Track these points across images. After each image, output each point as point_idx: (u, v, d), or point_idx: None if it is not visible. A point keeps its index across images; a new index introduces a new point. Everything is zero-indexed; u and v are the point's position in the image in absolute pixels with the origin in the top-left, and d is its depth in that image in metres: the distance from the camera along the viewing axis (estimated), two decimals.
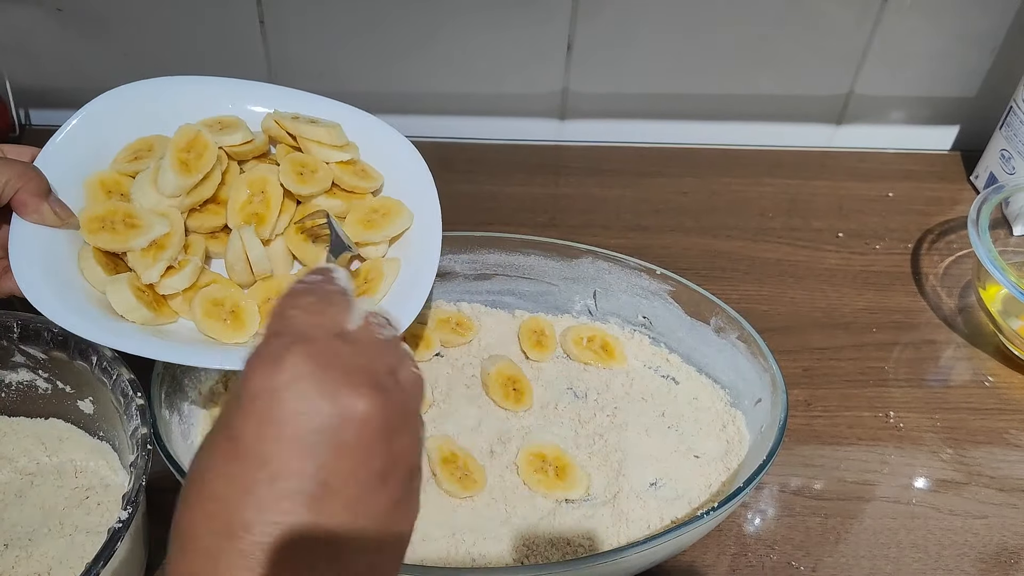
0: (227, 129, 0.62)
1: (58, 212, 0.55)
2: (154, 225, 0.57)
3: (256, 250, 0.59)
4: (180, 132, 0.59)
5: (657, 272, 0.67)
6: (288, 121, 0.63)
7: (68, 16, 0.81)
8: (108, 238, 0.56)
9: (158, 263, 0.56)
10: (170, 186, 0.58)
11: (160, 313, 0.57)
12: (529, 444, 0.61)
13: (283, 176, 0.61)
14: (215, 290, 0.58)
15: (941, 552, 0.59)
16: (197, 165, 0.59)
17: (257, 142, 0.63)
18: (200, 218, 0.60)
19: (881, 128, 0.94)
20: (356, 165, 0.64)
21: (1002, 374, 0.72)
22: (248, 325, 0.57)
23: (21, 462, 0.58)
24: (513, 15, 0.83)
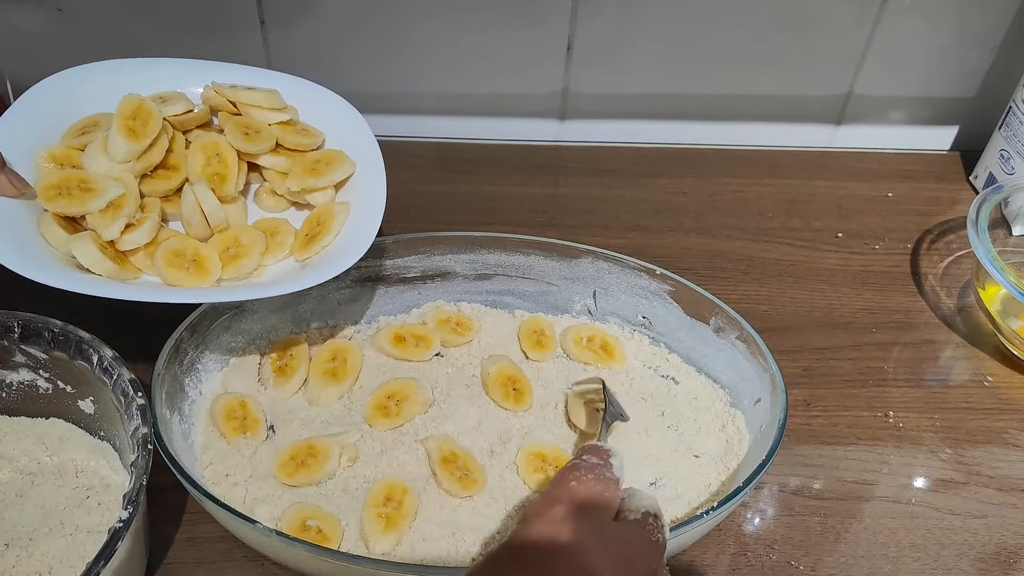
0: (168, 102, 0.65)
1: (14, 183, 0.57)
2: (109, 188, 0.60)
3: (210, 202, 0.62)
4: (124, 101, 0.62)
5: (657, 272, 0.67)
6: (227, 89, 0.67)
7: (68, 16, 0.81)
8: (65, 203, 0.59)
9: (117, 220, 0.59)
10: (120, 152, 0.61)
11: (124, 269, 0.59)
12: (529, 444, 0.61)
13: (230, 137, 0.65)
14: (175, 242, 0.61)
15: (940, 552, 0.59)
16: (144, 131, 0.62)
17: (198, 111, 0.67)
18: (152, 183, 0.63)
19: (880, 128, 0.94)
20: (297, 125, 0.68)
21: (1001, 374, 0.72)
22: (211, 271, 0.60)
23: (22, 462, 0.58)
24: (513, 15, 0.83)
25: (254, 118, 0.67)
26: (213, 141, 0.65)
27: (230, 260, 0.61)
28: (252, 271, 0.62)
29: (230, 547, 0.57)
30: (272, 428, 0.61)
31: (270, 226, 0.65)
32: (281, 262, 0.64)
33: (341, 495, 0.58)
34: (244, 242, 0.62)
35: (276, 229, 0.65)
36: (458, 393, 0.65)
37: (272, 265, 0.63)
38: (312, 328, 0.67)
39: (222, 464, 0.58)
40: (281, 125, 0.67)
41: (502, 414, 0.64)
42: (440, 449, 0.60)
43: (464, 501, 0.58)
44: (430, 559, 0.54)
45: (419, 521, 0.57)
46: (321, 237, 0.62)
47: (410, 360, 0.66)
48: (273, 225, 0.65)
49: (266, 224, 0.66)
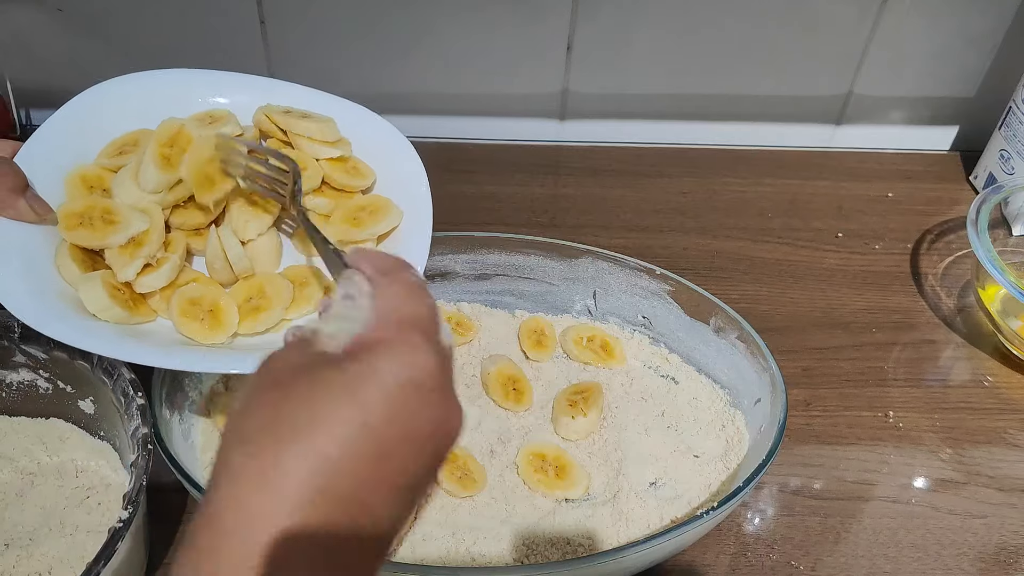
0: (216, 123, 0.60)
1: (35, 208, 0.54)
2: (132, 222, 0.55)
3: (234, 248, 0.57)
4: (162, 126, 0.58)
5: (657, 272, 0.67)
6: (279, 115, 0.62)
7: (68, 16, 0.81)
8: (86, 234, 0.55)
9: (135, 260, 0.55)
10: (151, 182, 0.57)
11: (137, 312, 0.55)
12: (529, 444, 0.61)
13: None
14: (193, 289, 0.56)
15: (940, 552, 0.59)
16: (179, 160, 0.57)
17: (246, 136, 0.61)
18: (183, 215, 0.59)
19: (881, 128, 0.94)
20: (348, 162, 0.63)
21: (1001, 374, 0.72)
22: (226, 325, 0.55)
23: (22, 462, 0.58)
24: (513, 15, 0.83)
25: (304, 151, 0.61)
26: None
27: (250, 312, 0.56)
28: (273, 326, 0.57)
29: None
30: None
31: (300, 275, 0.59)
32: (305, 318, 0.58)
33: None
34: (268, 293, 0.57)
35: (306, 280, 0.59)
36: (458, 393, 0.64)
37: (296, 320, 0.58)
38: None
39: None
40: (331, 161, 0.61)
41: (502, 414, 0.64)
42: None
43: (464, 501, 0.58)
44: (430, 559, 0.54)
45: (419, 521, 0.57)
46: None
47: None
48: (304, 275, 0.59)
49: (296, 273, 0.60)
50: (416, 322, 0.36)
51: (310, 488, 0.31)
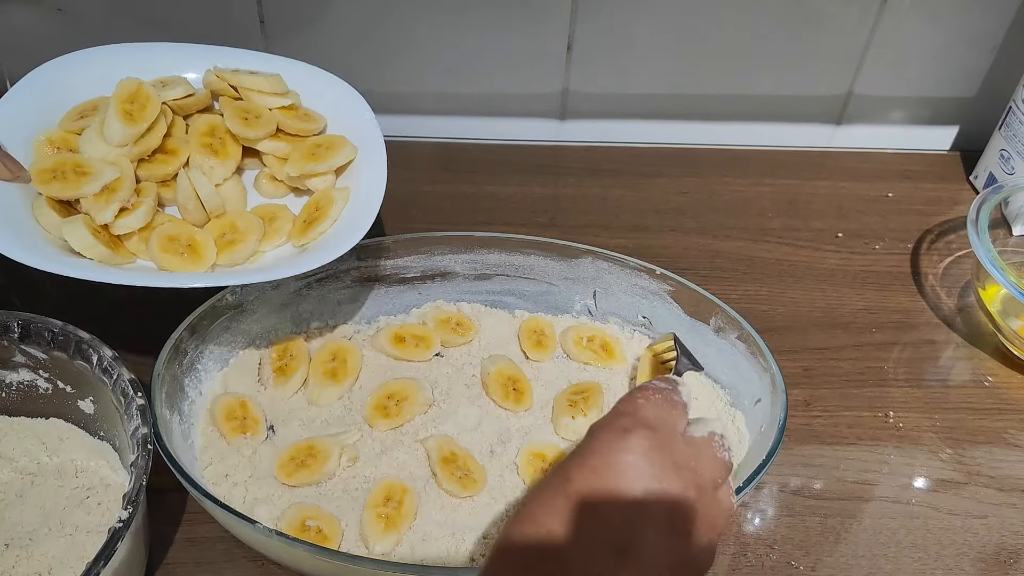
0: (168, 86, 0.65)
1: (8, 166, 0.57)
2: (104, 171, 0.59)
3: (206, 187, 0.61)
4: (121, 85, 0.62)
5: (657, 272, 0.67)
6: (228, 74, 0.66)
7: (68, 16, 0.81)
8: (59, 187, 0.58)
9: (111, 204, 0.58)
10: (117, 135, 0.60)
11: (117, 253, 0.58)
12: (529, 444, 0.61)
13: (228, 122, 0.64)
14: (170, 227, 0.60)
15: (940, 552, 0.59)
16: (142, 115, 0.61)
17: (199, 95, 0.66)
18: (150, 168, 0.63)
19: (881, 128, 0.94)
20: (298, 110, 0.67)
21: (1001, 374, 0.72)
22: (205, 257, 0.59)
23: (21, 462, 0.58)
24: (513, 15, 0.83)
25: (255, 103, 0.66)
26: (211, 123, 0.65)
27: (226, 246, 0.61)
28: (248, 257, 0.61)
29: (230, 547, 0.57)
30: (272, 428, 0.61)
31: (268, 212, 0.65)
32: (278, 248, 0.63)
33: (341, 495, 0.58)
34: (240, 228, 0.62)
35: (274, 215, 0.64)
36: (458, 393, 0.65)
37: (270, 251, 0.63)
38: (312, 328, 0.67)
39: (222, 464, 0.58)
40: (282, 110, 0.66)
41: (502, 414, 0.64)
42: (440, 449, 0.60)
43: (464, 501, 0.58)
44: (430, 559, 0.54)
45: (419, 521, 0.56)
46: (319, 223, 0.62)
47: (410, 360, 0.66)
48: (271, 211, 0.65)
49: (264, 210, 0.65)
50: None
51: None
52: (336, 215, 0.63)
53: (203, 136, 0.65)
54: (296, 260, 0.60)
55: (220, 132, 0.65)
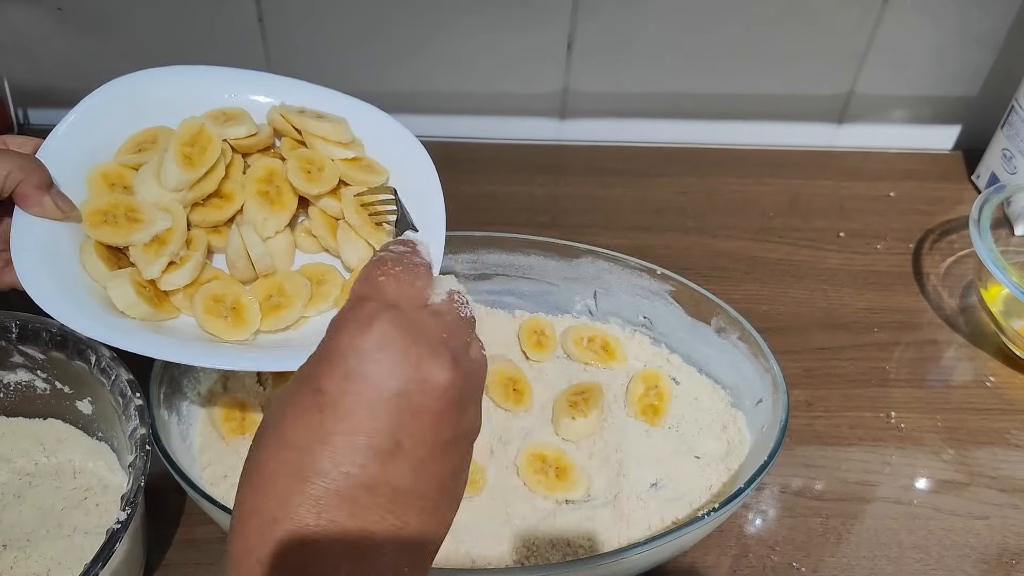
0: (231, 121, 0.61)
1: (60, 205, 0.54)
2: (156, 220, 0.56)
3: (256, 247, 0.58)
4: (184, 125, 0.59)
5: (658, 272, 0.67)
6: (294, 115, 0.62)
7: (68, 16, 0.81)
8: (110, 232, 0.56)
9: (160, 258, 0.55)
10: (173, 180, 0.57)
11: (161, 309, 0.56)
12: (529, 444, 0.61)
13: (291, 175, 0.60)
14: (216, 286, 0.57)
15: (942, 553, 0.59)
16: (201, 159, 0.58)
17: (262, 135, 0.62)
18: (203, 212, 0.60)
19: (882, 128, 0.94)
20: (362, 161, 0.63)
21: (1003, 374, 0.72)
22: (249, 322, 0.56)
23: (20, 463, 0.58)
24: (513, 15, 0.83)
25: (318, 151, 0.61)
26: (271, 168, 0.61)
27: (271, 310, 0.57)
28: (293, 323, 0.58)
29: None
30: None
31: (317, 274, 0.60)
32: (323, 314, 0.59)
33: None
34: (288, 291, 0.58)
35: (323, 277, 0.60)
36: None
37: (314, 317, 0.59)
38: None
39: (220, 465, 0.58)
40: (345, 161, 0.62)
41: (502, 414, 0.64)
42: None
43: (464, 502, 0.57)
44: None
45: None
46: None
47: None
48: (320, 273, 0.60)
49: (313, 270, 0.61)
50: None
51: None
52: None
53: (260, 183, 0.60)
54: None
55: (278, 180, 0.61)
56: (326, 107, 0.64)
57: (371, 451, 0.33)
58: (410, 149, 0.64)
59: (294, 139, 0.63)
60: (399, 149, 0.64)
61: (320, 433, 0.33)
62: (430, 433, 0.35)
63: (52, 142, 0.58)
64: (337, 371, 0.34)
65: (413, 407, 0.34)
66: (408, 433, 0.34)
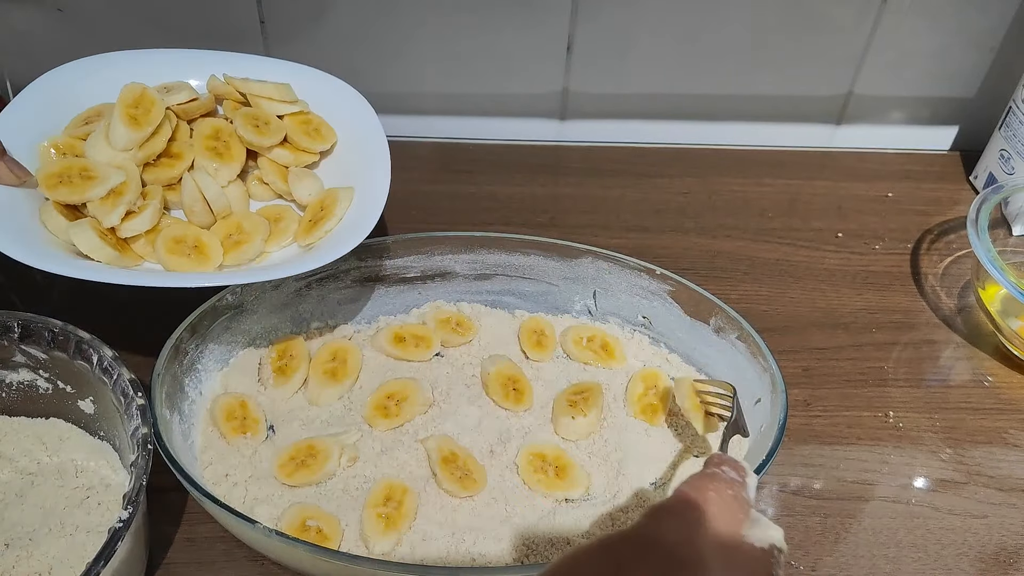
0: (172, 91, 0.65)
1: (15, 171, 0.57)
2: (110, 175, 0.60)
3: (212, 188, 0.62)
4: (125, 90, 0.62)
5: (657, 272, 0.67)
6: (239, 81, 0.67)
7: (68, 16, 0.81)
8: (66, 191, 0.59)
9: (118, 208, 0.59)
10: (122, 140, 0.61)
11: (124, 256, 0.59)
12: (529, 444, 0.61)
13: (240, 130, 0.65)
14: (176, 228, 0.61)
15: (940, 552, 0.59)
16: (146, 119, 0.62)
17: (203, 100, 0.67)
18: (155, 172, 0.63)
19: (881, 128, 0.94)
20: (310, 123, 0.68)
21: (1001, 374, 0.72)
22: (211, 257, 0.60)
23: (22, 462, 0.58)
24: (513, 15, 0.83)
25: (264, 110, 0.67)
26: (216, 126, 0.65)
27: (232, 246, 0.62)
28: (255, 257, 0.62)
29: (230, 547, 0.57)
30: (272, 428, 0.61)
31: (273, 213, 0.66)
32: (284, 248, 0.64)
33: (341, 495, 0.58)
34: (246, 228, 0.62)
35: (279, 216, 0.65)
36: (458, 393, 0.65)
37: (275, 251, 0.64)
38: (312, 328, 0.67)
39: (222, 464, 0.58)
40: (292, 118, 0.67)
41: (502, 414, 0.64)
42: (440, 449, 0.60)
43: (464, 501, 0.58)
44: (430, 559, 0.54)
45: (419, 521, 0.57)
46: (324, 222, 0.62)
47: (410, 360, 0.66)
48: (277, 212, 0.66)
49: (270, 211, 0.66)
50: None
51: None
52: (341, 214, 0.63)
53: (207, 139, 0.65)
54: (301, 259, 0.60)
55: (224, 135, 0.65)
56: (263, 72, 0.69)
57: None
58: (350, 100, 0.70)
59: (236, 101, 0.68)
60: (340, 102, 0.70)
61: None
62: None
63: (4, 118, 0.61)
64: (644, 559, 0.35)
65: None
66: None
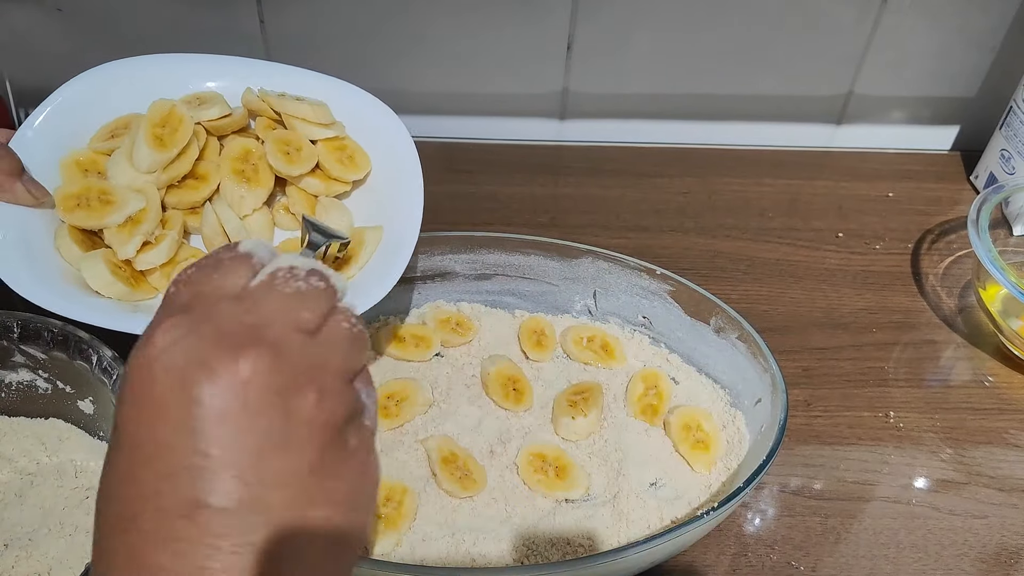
0: (204, 104, 0.62)
1: (32, 191, 0.55)
2: (129, 201, 0.57)
3: (232, 222, 0.58)
4: (153, 107, 0.59)
5: (657, 272, 0.67)
6: (274, 98, 0.62)
7: (68, 16, 0.81)
8: (83, 215, 0.56)
9: (134, 238, 0.56)
10: (145, 161, 0.58)
11: (138, 289, 0.56)
12: (529, 444, 0.61)
13: (270, 157, 0.60)
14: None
15: (941, 552, 0.59)
16: (172, 140, 0.58)
17: (235, 116, 0.63)
18: (179, 194, 0.60)
19: (881, 128, 0.94)
20: (344, 150, 0.63)
21: (1002, 374, 0.72)
22: None
23: (21, 462, 0.58)
24: (513, 15, 0.83)
25: (297, 132, 0.62)
26: (246, 147, 0.61)
27: None
28: None
29: None
30: None
31: (294, 250, 0.60)
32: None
33: None
34: None
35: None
36: (458, 393, 0.65)
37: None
38: None
39: None
40: (325, 144, 0.63)
41: (502, 414, 0.64)
42: (440, 449, 0.60)
43: (464, 501, 0.58)
44: (430, 559, 0.54)
45: (419, 521, 0.56)
46: (347, 267, 0.59)
47: (410, 360, 0.66)
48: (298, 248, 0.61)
49: (293, 246, 0.61)
50: None
51: None
52: (366, 259, 0.59)
53: (235, 161, 0.61)
54: None
55: (254, 158, 0.61)
56: (303, 85, 0.64)
57: (180, 475, 0.29)
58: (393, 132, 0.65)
59: (270, 118, 0.63)
60: (381, 131, 0.65)
61: (122, 473, 0.30)
62: (245, 434, 0.29)
63: (26, 131, 0.59)
64: (124, 399, 0.31)
65: (213, 410, 0.29)
66: (215, 440, 0.29)
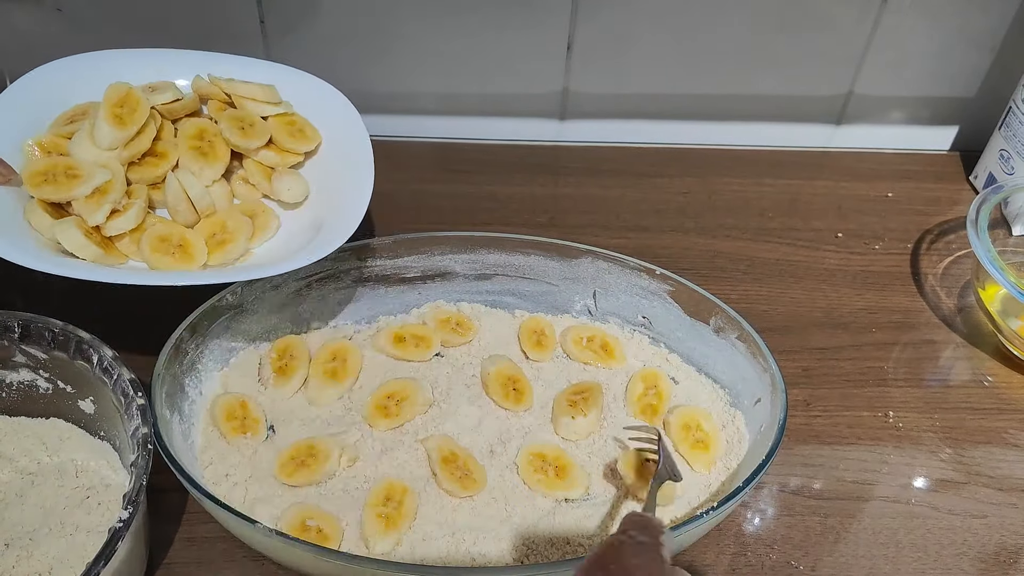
0: (157, 91, 0.66)
1: (1, 170, 0.58)
2: (95, 174, 0.60)
3: (195, 187, 0.63)
4: (111, 89, 0.63)
5: (657, 272, 0.67)
6: (224, 82, 0.68)
7: (68, 16, 0.81)
8: (51, 190, 0.59)
9: (103, 206, 0.59)
10: (106, 139, 0.61)
11: (109, 254, 0.59)
12: (529, 444, 0.61)
13: (226, 132, 0.65)
14: (161, 227, 0.61)
15: (940, 552, 0.59)
16: (131, 118, 0.62)
17: (187, 100, 0.67)
18: (140, 171, 0.64)
19: (880, 128, 0.94)
20: (294, 124, 0.69)
21: (1001, 374, 0.72)
22: (196, 256, 0.60)
23: (22, 462, 0.58)
24: (513, 15, 0.83)
25: (248, 110, 0.67)
26: (200, 126, 0.66)
27: (217, 246, 0.62)
28: (239, 256, 0.63)
29: (230, 547, 0.57)
30: (272, 428, 0.61)
31: (250, 210, 0.66)
32: (267, 245, 0.65)
33: (341, 495, 0.58)
34: (230, 227, 0.63)
35: (259, 212, 0.66)
36: (458, 393, 0.65)
37: (258, 249, 0.64)
38: (312, 328, 0.67)
39: (222, 464, 0.58)
40: (276, 119, 0.68)
41: (502, 414, 0.64)
42: (440, 449, 0.60)
43: (464, 501, 0.58)
44: (430, 559, 0.55)
45: (419, 521, 0.57)
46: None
47: (410, 360, 0.66)
48: (252, 209, 0.66)
49: (246, 208, 0.66)
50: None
51: None
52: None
53: (192, 139, 0.65)
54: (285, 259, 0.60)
55: (209, 135, 0.66)
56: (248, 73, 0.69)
57: None
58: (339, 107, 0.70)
59: (222, 101, 0.69)
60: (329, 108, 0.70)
61: None
62: None
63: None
64: None
65: None
66: None
